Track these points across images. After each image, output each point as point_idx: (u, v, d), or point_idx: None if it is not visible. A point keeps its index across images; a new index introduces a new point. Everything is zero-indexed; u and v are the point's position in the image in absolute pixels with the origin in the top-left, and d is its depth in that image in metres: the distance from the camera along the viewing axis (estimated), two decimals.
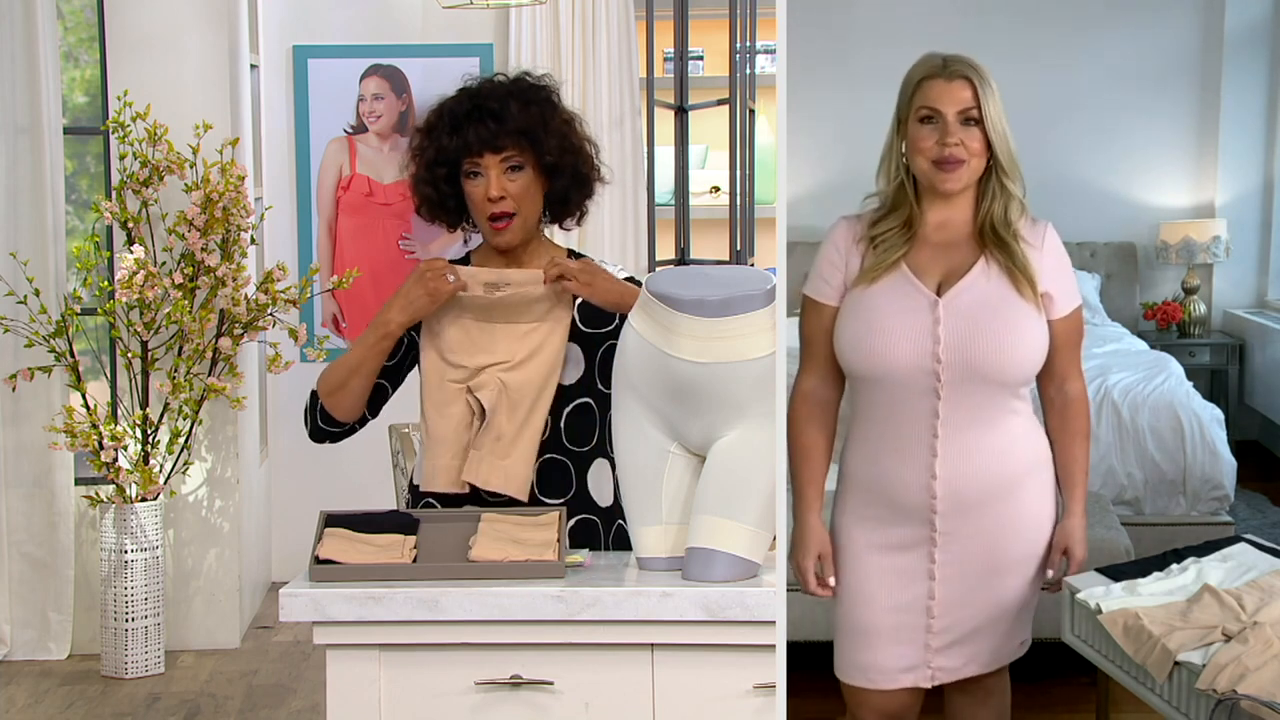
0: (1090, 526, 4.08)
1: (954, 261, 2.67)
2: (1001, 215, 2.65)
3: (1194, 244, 5.77)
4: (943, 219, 2.68)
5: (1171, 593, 2.72)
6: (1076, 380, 2.75)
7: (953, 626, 2.73)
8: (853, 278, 2.69)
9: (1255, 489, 4.91)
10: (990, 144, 2.63)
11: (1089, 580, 2.83)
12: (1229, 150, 5.72)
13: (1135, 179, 5.74)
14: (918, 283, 2.65)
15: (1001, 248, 2.64)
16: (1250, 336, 5.75)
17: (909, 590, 2.72)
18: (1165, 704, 2.59)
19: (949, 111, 2.61)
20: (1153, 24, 5.58)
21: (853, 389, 2.74)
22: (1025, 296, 2.63)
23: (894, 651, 2.75)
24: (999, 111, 2.62)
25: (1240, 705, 2.37)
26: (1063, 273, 2.70)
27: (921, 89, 2.65)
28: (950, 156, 2.61)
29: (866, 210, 2.74)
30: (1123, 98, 5.46)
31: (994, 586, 2.72)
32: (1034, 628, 2.80)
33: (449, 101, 2.93)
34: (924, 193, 2.68)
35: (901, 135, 2.68)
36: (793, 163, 4.28)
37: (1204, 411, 4.62)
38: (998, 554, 2.71)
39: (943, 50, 2.70)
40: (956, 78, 2.62)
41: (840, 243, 2.72)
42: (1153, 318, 5.95)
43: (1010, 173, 2.64)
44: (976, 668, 2.77)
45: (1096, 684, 3.35)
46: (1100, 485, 4.52)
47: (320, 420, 2.96)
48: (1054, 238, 2.70)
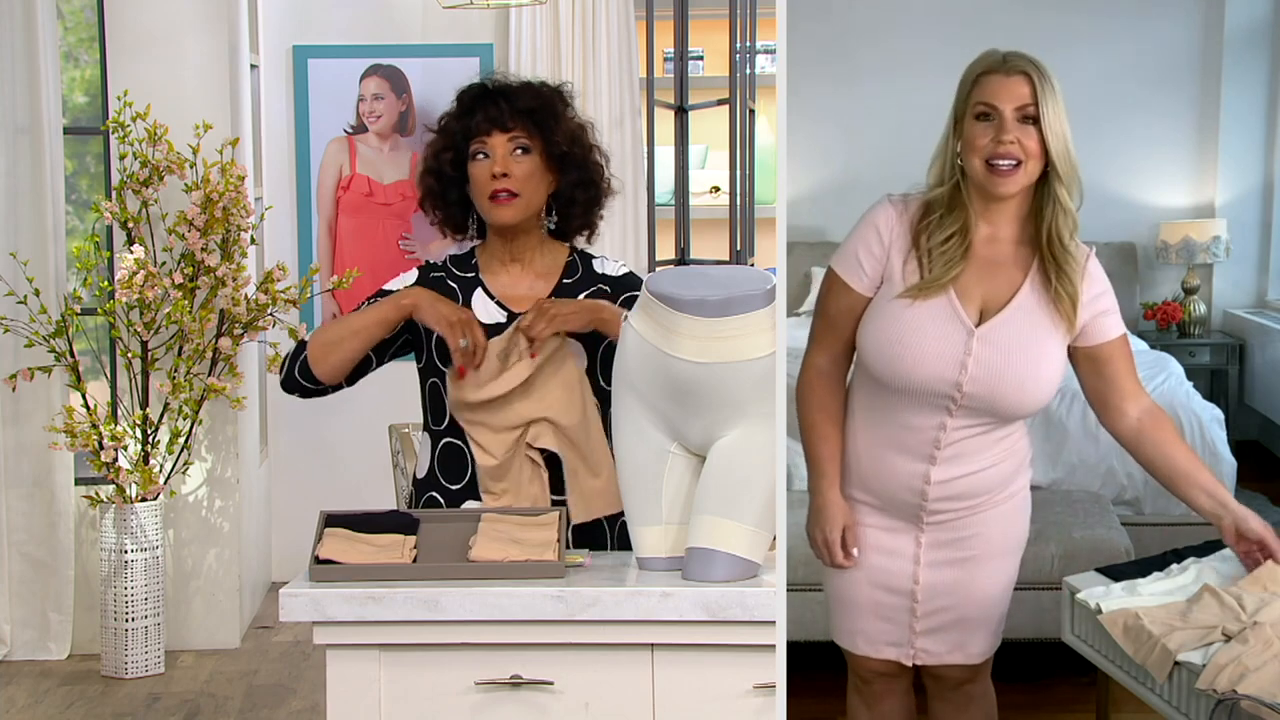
0: (1090, 526, 4.10)
1: (998, 285, 2.59)
2: (1058, 230, 2.54)
3: (1194, 244, 5.77)
4: (991, 233, 2.58)
5: (1171, 593, 2.72)
6: (1145, 396, 2.70)
7: (937, 612, 2.76)
8: (893, 273, 2.59)
9: (1255, 489, 4.90)
10: (1046, 146, 2.50)
11: (1089, 580, 2.84)
12: (1229, 150, 5.72)
13: (1135, 179, 5.74)
14: (961, 310, 2.57)
15: (1054, 268, 2.55)
16: (1250, 336, 5.75)
17: (894, 572, 2.74)
18: (1165, 704, 2.59)
19: (1006, 108, 2.50)
20: (1153, 23, 5.57)
21: (863, 373, 2.71)
22: (1059, 326, 2.58)
23: (879, 625, 2.78)
24: (1059, 112, 2.50)
25: (1240, 705, 2.37)
26: (1106, 295, 2.63)
27: (980, 84, 2.53)
28: (1006, 154, 2.49)
29: (915, 196, 2.62)
30: (1123, 97, 5.46)
31: (977, 577, 2.75)
32: (1034, 628, 2.81)
33: (459, 95, 2.95)
34: (977, 197, 2.56)
35: (957, 135, 2.56)
36: (793, 163, 4.28)
37: (1204, 411, 4.61)
38: (982, 545, 2.74)
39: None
40: (1015, 73, 2.51)
41: (884, 228, 2.60)
42: (1153, 318, 5.95)
43: (1068, 182, 2.52)
44: (962, 657, 2.79)
45: (1096, 684, 3.35)
46: (1100, 485, 4.52)
47: (298, 373, 2.91)
48: (1097, 264, 2.62)
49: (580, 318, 2.84)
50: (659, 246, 5.92)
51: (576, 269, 3.01)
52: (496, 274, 2.99)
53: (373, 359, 2.95)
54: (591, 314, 2.85)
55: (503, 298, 2.96)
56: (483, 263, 3.01)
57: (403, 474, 3.42)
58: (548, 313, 2.82)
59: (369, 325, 2.88)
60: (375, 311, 2.88)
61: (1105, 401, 2.69)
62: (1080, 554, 3.93)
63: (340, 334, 2.89)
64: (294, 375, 2.92)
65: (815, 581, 2.97)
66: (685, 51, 5.64)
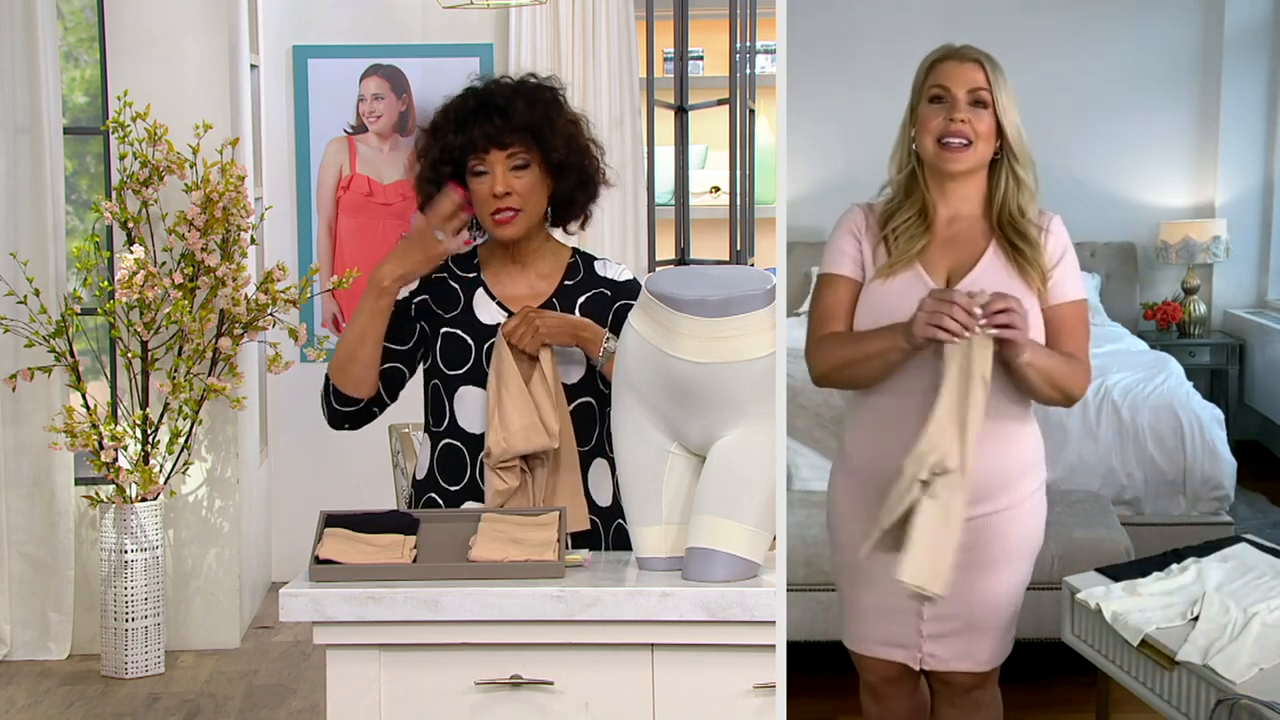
0: (1090, 526, 4.09)
1: (962, 255, 2.64)
2: (1015, 204, 2.61)
3: (1194, 244, 5.77)
4: (953, 212, 2.64)
5: (1171, 592, 2.72)
6: (1083, 360, 2.69)
7: (944, 617, 2.73)
8: (868, 263, 2.65)
9: (1255, 489, 4.90)
10: (1001, 128, 2.59)
11: (1089, 580, 2.84)
12: (1229, 150, 5.71)
13: (1135, 179, 5.73)
14: (928, 278, 2.62)
15: (1015, 234, 2.61)
16: (1250, 336, 5.74)
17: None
18: (1165, 704, 2.59)
19: (959, 91, 2.58)
20: (1153, 23, 5.57)
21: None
22: (1031, 287, 2.60)
23: (887, 629, 2.76)
24: (1010, 98, 2.59)
25: (1240, 704, 2.37)
26: (1068, 259, 2.66)
27: (934, 70, 2.62)
28: (957, 132, 2.56)
29: (879, 200, 2.70)
30: (1122, 97, 5.45)
31: (984, 582, 2.73)
32: (1034, 628, 2.80)
33: (454, 101, 2.93)
34: (932, 179, 2.63)
35: (913, 122, 2.64)
36: (793, 163, 4.28)
37: (1204, 411, 4.61)
38: (989, 549, 2.70)
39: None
40: (968, 60, 2.60)
41: (855, 227, 2.68)
42: (1153, 318, 5.94)
43: (1022, 159, 2.60)
44: (971, 664, 2.77)
45: (1096, 684, 3.35)
46: (1100, 485, 4.52)
47: (335, 401, 2.94)
48: (1061, 228, 2.66)
49: (564, 334, 2.87)
50: (659, 246, 5.92)
51: (578, 270, 3.01)
52: (498, 274, 2.99)
53: (403, 370, 2.97)
54: (574, 331, 2.87)
55: (504, 298, 2.96)
56: (484, 262, 3.01)
57: (403, 474, 3.42)
58: (533, 323, 2.84)
59: (367, 324, 2.88)
60: (364, 308, 2.88)
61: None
62: (1080, 554, 3.92)
63: (350, 347, 2.91)
64: (331, 406, 2.96)
65: (815, 582, 2.97)
66: (685, 51, 5.64)
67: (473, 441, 2.93)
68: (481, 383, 2.90)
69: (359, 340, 2.89)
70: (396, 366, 2.94)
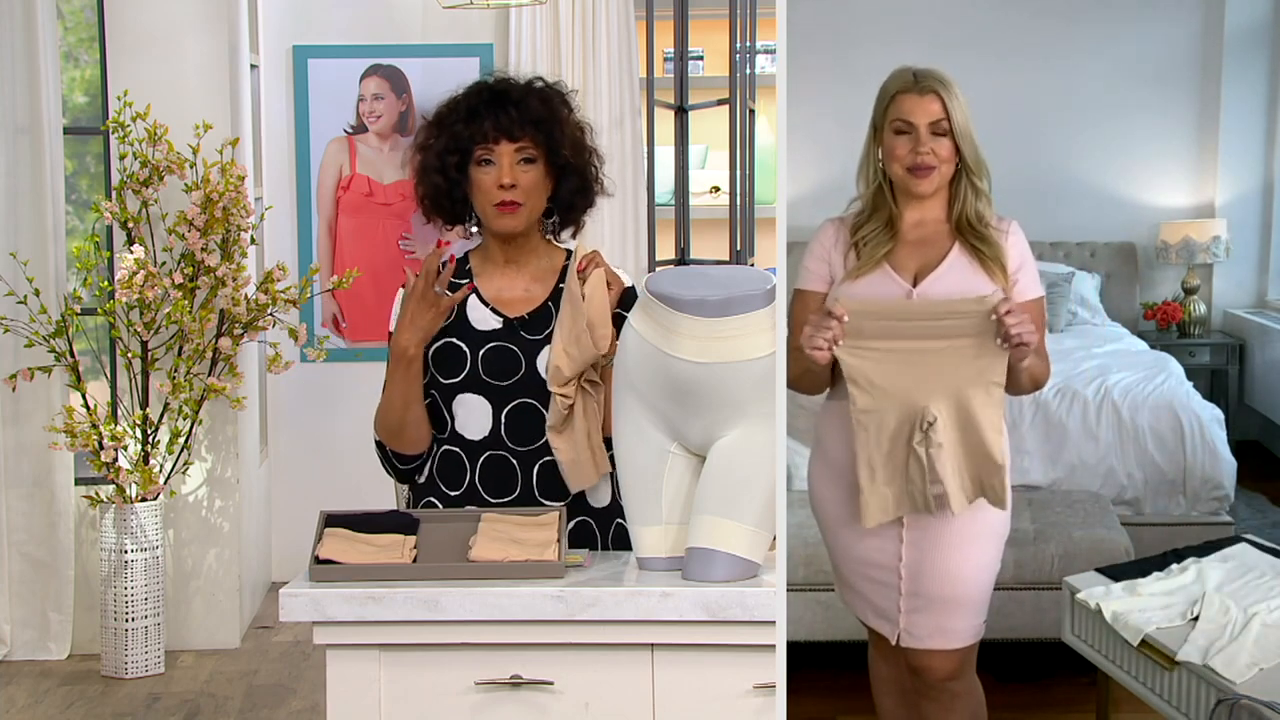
0: (1090, 527, 4.10)
1: (929, 255, 2.89)
2: (974, 210, 2.89)
3: (1194, 244, 5.77)
4: (918, 218, 2.91)
5: (1171, 592, 2.73)
6: (1045, 351, 2.89)
7: (919, 593, 2.88)
8: (837, 270, 2.90)
9: (1255, 489, 4.90)
10: (959, 150, 2.88)
11: (1089, 580, 2.84)
12: (1229, 150, 5.71)
13: (1135, 179, 5.73)
14: (896, 276, 2.86)
15: (975, 238, 2.88)
16: (1250, 336, 5.74)
17: (880, 552, 2.88)
18: (1165, 704, 2.59)
19: (921, 123, 2.85)
20: (1153, 23, 5.57)
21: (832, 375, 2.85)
22: (995, 280, 2.83)
23: (871, 601, 2.94)
24: (965, 119, 2.88)
25: (1240, 704, 2.37)
26: (1027, 262, 2.91)
27: (896, 102, 2.89)
28: (923, 163, 2.85)
29: (850, 214, 2.97)
30: (1122, 97, 5.45)
31: (952, 558, 2.87)
32: (1034, 628, 2.81)
33: (463, 94, 2.94)
34: (900, 194, 2.92)
35: (877, 142, 2.92)
36: (793, 163, 4.27)
37: (1204, 411, 4.61)
38: (961, 527, 2.84)
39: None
40: (927, 92, 2.87)
41: (826, 240, 2.95)
42: (1153, 318, 5.94)
43: (978, 172, 2.89)
44: (942, 642, 2.88)
45: (1096, 684, 3.35)
46: (1100, 485, 4.52)
47: (399, 464, 2.97)
48: (1019, 232, 2.92)
49: (615, 282, 2.88)
50: (659, 246, 5.92)
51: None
52: (491, 277, 2.98)
53: (436, 395, 2.96)
54: (613, 297, 2.88)
55: (496, 302, 2.95)
56: (477, 267, 3.00)
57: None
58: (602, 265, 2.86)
59: (405, 392, 2.89)
60: (395, 378, 2.89)
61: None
62: (1080, 554, 3.93)
63: (396, 417, 2.90)
64: (398, 470, 2.98)
65: (815, 582, 2.98)
66: (685, 51, 5.64)
67: (472, 448, 2.93)
68: (479, 389, 2.90)
69: (403, 406, 2.89)
70: (433, 401, 2.95)
